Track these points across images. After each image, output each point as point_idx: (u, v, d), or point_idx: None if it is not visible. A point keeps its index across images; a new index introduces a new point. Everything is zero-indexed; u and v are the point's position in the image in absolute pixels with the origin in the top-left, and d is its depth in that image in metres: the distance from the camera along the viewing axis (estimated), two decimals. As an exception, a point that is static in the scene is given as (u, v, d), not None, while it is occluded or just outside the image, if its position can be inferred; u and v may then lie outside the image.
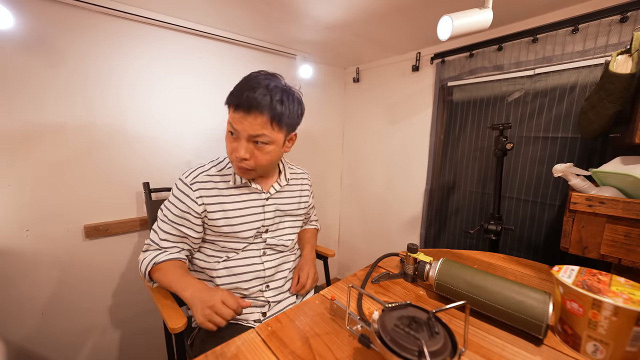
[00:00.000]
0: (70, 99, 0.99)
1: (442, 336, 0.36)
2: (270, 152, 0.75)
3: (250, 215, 0.81)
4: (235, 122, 0.71)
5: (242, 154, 0.72)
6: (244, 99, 0.68)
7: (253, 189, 0.82)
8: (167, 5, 1.05)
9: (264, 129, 0.71)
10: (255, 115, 0.69)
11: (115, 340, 1.18)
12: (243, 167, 0.75)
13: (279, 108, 0.71)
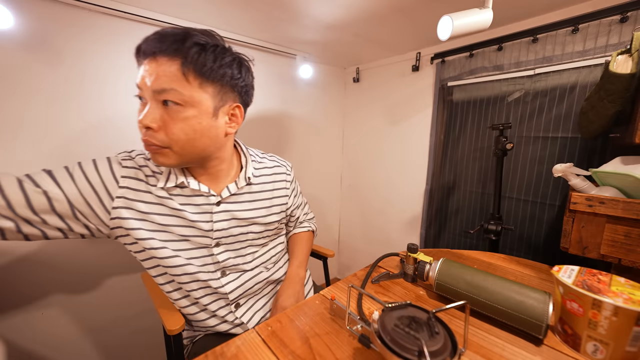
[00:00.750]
0: (70, 99, 0.99)
1: (442, 336, 0.36)
2: (188, 121, 0.53)
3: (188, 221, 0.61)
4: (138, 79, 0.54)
5: (146, 119, 0.52)
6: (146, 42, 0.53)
7: (194, 190, 0.62)
8: (167, 5, 1.05)
9: (173, 81, 0.51)
10: (159, 60, 0.51)
11: (115, 340, 1.18)
12: (150, 142, 0.54)
13: (197, 53, 0.52)
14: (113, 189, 0.58)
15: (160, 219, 0.60)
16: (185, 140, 0.55)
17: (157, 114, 0.53)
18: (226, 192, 0.65)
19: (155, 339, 1.26)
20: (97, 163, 0.59)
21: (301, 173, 1.78)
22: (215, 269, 0.66)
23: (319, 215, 1.92)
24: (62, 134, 0.99)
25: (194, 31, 0.54)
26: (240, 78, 0.60)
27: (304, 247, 0.87)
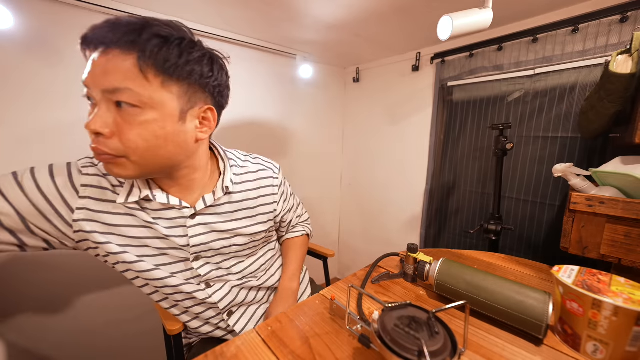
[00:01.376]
0: (70, 99, 0.99)
1: (442, 336, 0.36)
2: (147, 125, 0.45)
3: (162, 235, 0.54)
4: (85, 74, 0.45)
5: (94, 124, 0.43)
6: (95, 31, 0.44)
7: (163, 204, 0.54)
8: (167, 5, 1.05)
9: (127, 79, 0.43)
10: (109, 55, 0.43)
11: (116, 341, 1.18)
12: (100, 150, 0.44)
13: (158, 47, 0.44)
14: (72, 200, 0.50)
15: (132, 231, 0.53)
16: (145, 148, 0.46)
17: (109, 117, 0.44)
18: (201, 204, 0.57)
19: (156, 341, 1.26)
20: (54, 169, 0.52)
21: (301, 173, 1.78)
22: (199, 282, 0.61)
23: (319, 215, 1.92)
24: (62, 134, 0.99)
25: (154, 21, 0.45)
26: (212, 77, 0.52)
27: (297, 254, 0.81)
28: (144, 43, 0.43)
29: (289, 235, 0.86)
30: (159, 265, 0.56)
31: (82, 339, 1.10)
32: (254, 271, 0.69)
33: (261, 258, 0.72)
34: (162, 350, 0.88)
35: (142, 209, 0.54)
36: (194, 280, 0.60)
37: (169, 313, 0.68)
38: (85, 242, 0.52)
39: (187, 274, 0.59)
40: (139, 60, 0.43)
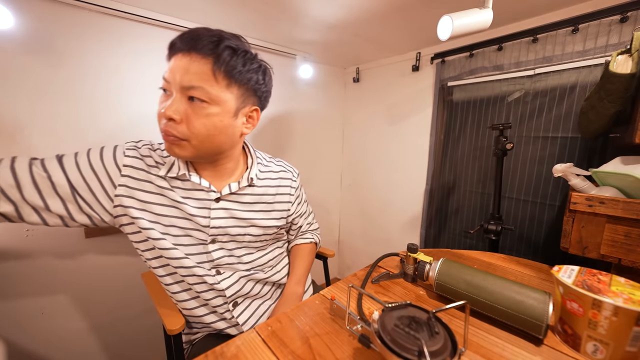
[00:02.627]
0: (70, 99, 0.99)
1: (442, 336, 0.36)
2: (211, 117, 0.55)
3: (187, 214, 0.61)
4: (167, 71, 0.55)
5: (169, 110, 0.53)
6: (181, 39, 0.54)
7: (194, 184, 0.62)
8: (167, 5, 1.05)
9: (202, 80, 0.53)
10: (192, 58, 0.53)
11: (115, 340, 1.18)
12: (170, 132, 0.54)
13: (229, 56, 0.54)
14: (115, 177, 0.59)
15: (160, 209, 0.61)
16: (205, 135, 0.56)
17: (181, 107, 0.54)
18: (227, 190, 0.65)
19: (156, 340, 1.26)
20: (103, 151, 0.61)
21: (301, 173, 1.77)
22: (210, 267, 0.66)
23: (319, 215, 1.92)
24: (62, 133, 0.99)
25: (226, 34, 0.56)
26: (264, 84, 0.63)
27: (305, 260, 0.84)
28: (219, 52, 0.53)
29: (298, 241, 0.88)
30: (177, 245, 0.62)
31: (82, 337, 1.10)
32: (262, 264, 0.73)
33: (270, 253, 0.76)
34: (162, 350, 0.88)
35: (172, 189, 0.61)
36: (206, 264, 0.65)
37: (169, 312, 0.68)
38: (123, 217, 0.60)
39: (202, 257, 0.64)
40: (213, 65, 0.53)
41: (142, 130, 1.14)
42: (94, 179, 0.58)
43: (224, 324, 0.69)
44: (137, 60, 1.10)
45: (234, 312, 0.68)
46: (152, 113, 1.16)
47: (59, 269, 1.02)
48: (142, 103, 1.13)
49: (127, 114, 1.11)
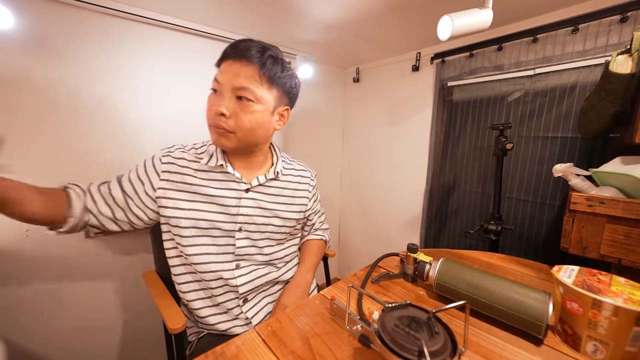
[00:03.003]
0: (70, 99, 0.99)
1: (442, 336, 0.36)
2: (255, 114, 0.65)
3: (217, 205, 0.69)
4: (221, 72, 0.64)
5: (221, 107, 0.62)
6: (229, 50, 0.64)
7: (229, 175, 0.71)
8: (167, 5, 1.05)
9: (250, 82, 0.63)
10: (242, 64, 0.62)
11: (116, 340, 1.18)
12: (221, 126, 0.63)
13: (272, 64, 0.65)
14: (155, 182, 0.69)
15: (191, 205, 0.69)
16: (249, 129, 0.66)
17: (231, 105, 0.63)
18: (256, 182, 0.73)
19: (156, 340, 1.26)
20: (146, 162, 0.72)
21: (301, 173, 1.78)
22: (232, 259, 0.71)
23: (319, 215, 1.92)
24: (61, 133, 0.99)
25: (268, 45, 0.67)
26: (295, 88, 0.73)
27: (314, 254, 0.90)
28: (264, 60, 0.64)
29: (310, 237, 0.94)
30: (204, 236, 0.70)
31: (82, 337, 1.10)
32: (279, 258, 0.80)
33: (286, 249, 0.82)
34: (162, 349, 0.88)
35: (206, 185, 0.69)
36: (229, 256, 0.71)
37: (170, 312, 0.69)
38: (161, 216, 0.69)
39: (228, 249, 0.71)
40: (259, 71, 0.63)
41: (142, 128, 1.14)
42: (140, 187, 0.69)
43: (228, 325, 0.72)
44: (137, 60, 1.10)
45: (243, 308, 0.72)
46: (152, 111, 1.17)
47: (59, 269, 1.02)
48: (141, 102, 1.13)
49: (127, 113, 1.11)
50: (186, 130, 1.26)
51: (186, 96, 1.25)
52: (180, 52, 1.20)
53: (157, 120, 1.18)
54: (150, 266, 0.98)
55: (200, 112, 1.28)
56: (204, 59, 1.27)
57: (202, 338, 0.75)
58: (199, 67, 1.26)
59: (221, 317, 0.72)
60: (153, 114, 1.17)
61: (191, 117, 1.27)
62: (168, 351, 0.83)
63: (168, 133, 1.21)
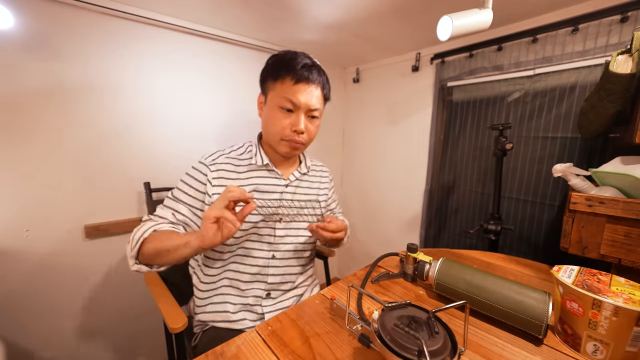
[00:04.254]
0: (71, 99, 0.99)
1: (442, 336, 0.36)
2: (317, 127, 0.78)
3: (266, 201, 0.76)
4: (297, 94, 0.70)
5: (300, 126, 0.72)
6: (304, 73, 0.70)
7: (273, 172, 0.80)
8: (167, 5, 1.05)
9: (320, 103, 0.75)
10: (314, 88, 0.72)
11: (116, 340, 1.18)
12: (299, 141, 0.74)
13: (327, 82, 0.76)
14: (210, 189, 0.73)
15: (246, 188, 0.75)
16: (312, 140, 0.79)
17: (305, 123, 0.73)
18: (293, 177, 0.82)
19: (156, 340, 1.26)
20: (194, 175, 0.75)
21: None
22: (269, 249, 0.77)
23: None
24: (61, 133, 0.99)
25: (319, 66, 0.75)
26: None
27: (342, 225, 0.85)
28: (324, 81, 0.75)
29: None
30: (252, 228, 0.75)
31: (82, 337, 1.10)
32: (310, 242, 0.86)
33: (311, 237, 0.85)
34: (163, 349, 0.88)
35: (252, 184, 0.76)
36: (267, 245, 0.77)
37: (171, 311, 0.69)
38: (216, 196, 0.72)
39: (270, 239, 0.77)
40: (322, 91, 0.75)
41: (142, 128, 1.14)
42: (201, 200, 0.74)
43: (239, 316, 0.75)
44: (137, 60, 1.10)
45: (263, 302, 0.77)
46: (152, 111, 1.17)
47: (59, 269, 1.02)
48: (141, 102, 1.13)
49: (127, 113, 1.11)
50: (192, 130, 1.27)
51: (187, 96, 1.25)
52: (180, 52, 1.20)
53: (157, 119, 1.18)
54: (150, 266, 0.98)
55: (201, 110, 1.29)
56: (204, 58, 1.27)
57: (207, 331, 0.77)
58: (199, 66, 1.26)
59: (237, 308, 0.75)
60: (153, 113, 1.17)
61: (193, 116, 1.27)
62: (168, 351, 0.83)
63: (170, 132, 1.21)
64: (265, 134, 0.79)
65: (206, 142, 1.33)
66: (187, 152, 1.28)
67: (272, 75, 0.72)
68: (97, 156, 1.06)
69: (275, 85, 0.72)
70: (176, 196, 0.75)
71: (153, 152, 1.18)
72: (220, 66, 1.33)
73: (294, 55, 0.72)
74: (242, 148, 0.82)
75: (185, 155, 1.27)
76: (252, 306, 0.76)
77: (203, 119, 1.31)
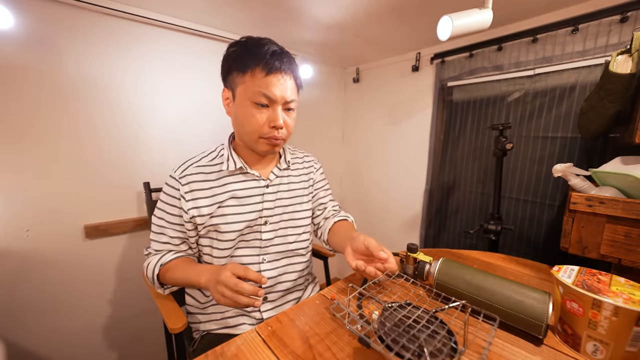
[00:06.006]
0: (71, 99, 0.99)
1: (441, 336, 0.36)
2: (295, 119, 0.72)
3: (246, 206, 0.72)
4: (270, 87, 0.63)
5: (280, 121, 0.66)
6: (275, 63, 0.63)
7: (250, 175, 0.74)
8: (167, 5, 1.05)
9: (294, 93, 0.69)
10: (287, 78, 0.66)
11: (116, 340, 1.18)
12: (279, 137, 0.68)
13: (297, 69, 0.70)
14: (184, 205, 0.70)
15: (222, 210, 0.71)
16: (290, 133, 0.72)
17: (283, 116, 0.68)
18: (272, 176, 0.77)
19: (156, 340, 1.26)
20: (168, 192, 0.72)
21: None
22: (258, 253, 0.74)
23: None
24: (61, 133, 0.99)
25: (287, 52, 0.69)
26: None
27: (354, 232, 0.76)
28: (295, 68, 0.69)
29: (335, 218, 0.85)
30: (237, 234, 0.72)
31: (82, 337, 1.10)
32: (304, 247, 0.81)
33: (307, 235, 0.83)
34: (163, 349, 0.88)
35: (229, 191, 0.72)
36: (256, 249, 0.74)
37: (171, 311, 0.69)
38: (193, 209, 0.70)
39: (256, 243, 0.74)
40: (295, 80, 0.70)
41: (142, 128, 1.14)
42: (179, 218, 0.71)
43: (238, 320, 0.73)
44: (137, 60, 1.10)
45: (261, 307, 0.74)
46: (151, 111, 1.16)
47: (59, 269, 1.02)
48: (141, 102, 1.13)
49: (127, 113, 1.11)
50: (191, 130, 1.26)
51: (186, 96, 1.25)
52: (180, 52, 1.20)
53: (156, 119, 1.18)
54: (150, 266, 0.98)
55: (201, 110, 1.29)
56: (204, 58, 1.27)
57: (205, 336, 0.76)
58: (199, 66, 1.26)
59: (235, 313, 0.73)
60: (153, 113, 1.17)
61: (193, 116, 1.27)
62: (168, 351, 0.83)
63: (169, 132, 1.21)
64: (239, 134, 0.72)
65: (206, 141, 1.33)
66: (187, 152, 1.27)
67: (238, 66, 0.64)
68: (97, 156, 1.06)
69: (244, 79, 0.64)
70: (160, 225, 0.72)
71: (153, 152, 1.18)
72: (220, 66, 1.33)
73: (257, 41, 0.65)
74: (214, 152, 0.76)
75: (185, 155, 1.26)
76: (250, 312, 0.74)
77: (203, 119, 1.31)
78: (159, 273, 0.70)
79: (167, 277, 0.70)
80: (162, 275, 0.71)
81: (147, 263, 0.72)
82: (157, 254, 0.73)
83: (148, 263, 0.72)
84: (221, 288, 0.54)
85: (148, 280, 0.73)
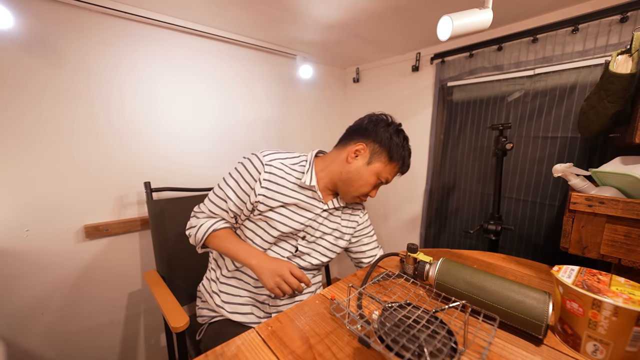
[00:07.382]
0: (71, 99, 0.99)
1: (442, 336, 0.36)
2: None
3: (300, 216, 0.79)
4: (391, 176, 0.85)
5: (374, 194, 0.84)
6: (406, 167, 0.88)
7: (317, 195, 0.81)
8: (167, 5, 1.05)
9: None
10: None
11: (116, 340, 1.18)
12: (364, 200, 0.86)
13: None
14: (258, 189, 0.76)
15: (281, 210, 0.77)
16: None
17: None
18: (331, 204, 0.84)
19: (157, 339, 1.26)
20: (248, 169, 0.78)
21: (301, 173, 1.78)
22: (287, 256, 0.80)
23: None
24: (61, 133, 0.99)
25: None
26: None
27: None
28: None
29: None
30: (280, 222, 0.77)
31: (82, 337, 1.10)
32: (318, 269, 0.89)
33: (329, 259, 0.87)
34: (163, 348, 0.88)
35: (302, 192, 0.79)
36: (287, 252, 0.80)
37: (173, 311, 0.69)
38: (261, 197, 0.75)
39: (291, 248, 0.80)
40: None
41: (143, 128, 1.14)
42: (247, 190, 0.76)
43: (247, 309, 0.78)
44: (137, 60, 1.10)
45: (271, 302, 0.78)
46: (152, 111, 1.16)
47: (59, 269, 1.02)
48: (142, 102, 1.13)
49: (128, 113, 1.11)
50: (191, 130, 1.27)
51: (187, 96, 1.25)
52: (181, 52, 1.20)
53: (157, 119, 1.18)
54: (151, 266, 0.98)
55: (201, 110, 1.29)
56: (204, 58, 1.27)
57: (213, 324, 0.79)
58: (199, 66, 1.26)
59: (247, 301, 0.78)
60: (153, 113, 1.17)
61: (193, 116, 1.27)
62: (169, 351, 0.83)
63: (169, 132, 1.21)
64: (341, 179, 0.80)
65: (206, 141, 1.33)
66: (187, 152, 1.28)
67: (392, 154, 0.82)
68: (97, 156, 1.06)
69: (388, 163, 0.81)
70: (226, 193, 0.77)
71: (153, 152, 1.18)
72: (220, 66, 1.33)
73: (407, 144, 0.88)
74: (297, 159, 0.83)
75: (186, 155, 1.27)
76: (262, 304, 0.78)
77: (203, 119, 1.31)
78: (207, 237, 0.77)
79: (213, 242, 0.76)
80: (209, 239, 0.77)
81: (199, 224, 0.78)
82: (210, 218, 0.79)
83: (200, 225, 0.78)
84: (279, 280, 0.66)
85: (190, 237, 0.80)
